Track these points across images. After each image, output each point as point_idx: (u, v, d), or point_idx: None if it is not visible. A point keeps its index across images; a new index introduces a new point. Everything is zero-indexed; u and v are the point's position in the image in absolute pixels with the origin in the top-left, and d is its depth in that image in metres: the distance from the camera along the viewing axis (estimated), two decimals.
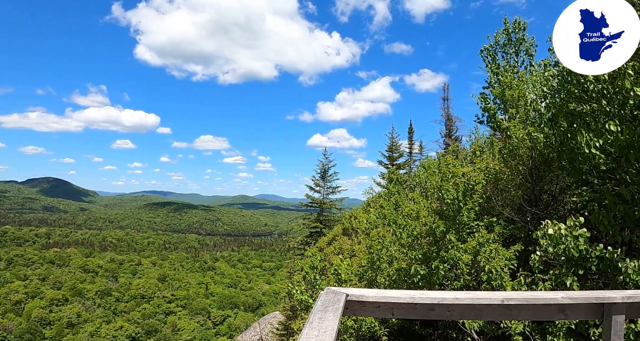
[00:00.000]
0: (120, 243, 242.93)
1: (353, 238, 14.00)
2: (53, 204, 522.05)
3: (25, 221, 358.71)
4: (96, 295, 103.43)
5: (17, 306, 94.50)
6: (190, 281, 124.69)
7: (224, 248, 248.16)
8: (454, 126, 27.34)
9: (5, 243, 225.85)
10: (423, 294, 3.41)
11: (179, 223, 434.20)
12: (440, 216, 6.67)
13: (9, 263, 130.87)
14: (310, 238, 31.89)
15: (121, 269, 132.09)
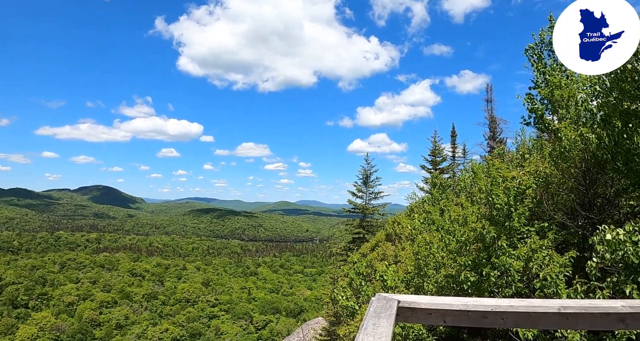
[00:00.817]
0: (166, 248, 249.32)
1: (397, 243, 13.83)
2: (103, 211, 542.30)
3: (77, 227, 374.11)
4: (143, 298, 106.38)
5: (70, 307, 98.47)
6: (233, 286, 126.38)
7: (266, 253, 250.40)
8: (498, 128, 26.61)
9: (59, 247, 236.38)
10: (476, 301, 3.30)
11: (222, 229, 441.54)
12: (491, 222, 6.48)
13: (63, 266, 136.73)
14: (353, 243, 31.66)
15: (167, 273, 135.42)
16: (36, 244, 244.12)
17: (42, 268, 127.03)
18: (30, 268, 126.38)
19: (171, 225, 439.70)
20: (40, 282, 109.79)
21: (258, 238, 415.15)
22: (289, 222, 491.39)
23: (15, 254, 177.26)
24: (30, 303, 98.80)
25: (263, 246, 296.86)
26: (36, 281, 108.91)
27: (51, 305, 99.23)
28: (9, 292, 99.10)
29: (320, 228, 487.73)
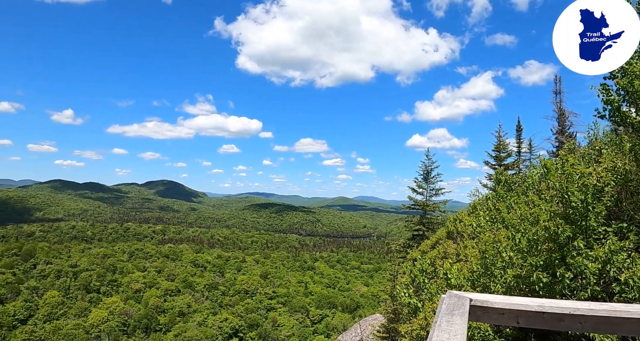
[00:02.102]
0: (227, 241, 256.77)
1: (458, 241, 13.43)
2: (168, 205, 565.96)
3: (144, 219, 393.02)
4: (204, 288, 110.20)
5: (137, 294, 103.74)
6: (290, 280, 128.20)
7: (323, 248, 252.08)
8: (567, 122, 25.12)
9: (128, 238, 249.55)
10: (552, 303, 3.12)
11: (280, 224, 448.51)
12: (565, 221, 6.10)
13: (131, 255, 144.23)
14: (413, 240, 31.09)
15: (227, 265, 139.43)
16: (107, 234, 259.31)
17: (113, 257, 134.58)
18: (102, 256, 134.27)
19: (232, 219, 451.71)
20: (111, 269, 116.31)
21: (316, 233, 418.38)
22: (346, 218, 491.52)
23: (89, 243, 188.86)
24: (101, 288, 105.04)
25: (320, 241, 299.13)
26: (107, 269, 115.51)
27: (120, 291, 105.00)
28: (83, 278, 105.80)
29: (378, 224, 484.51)
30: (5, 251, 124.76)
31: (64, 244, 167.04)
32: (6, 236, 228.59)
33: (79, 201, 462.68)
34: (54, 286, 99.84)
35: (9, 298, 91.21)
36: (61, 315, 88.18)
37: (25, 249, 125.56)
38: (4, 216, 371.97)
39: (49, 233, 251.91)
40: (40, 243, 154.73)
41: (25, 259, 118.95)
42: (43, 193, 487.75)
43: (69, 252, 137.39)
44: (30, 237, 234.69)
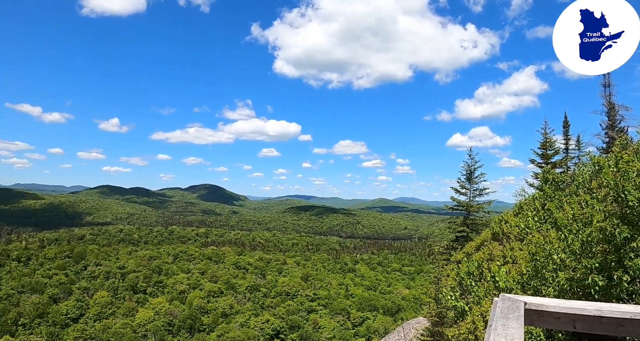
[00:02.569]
0: (268, 243, 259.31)
1: (504, 243, 13.02)
2: (210, 208, 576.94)
3: (187, 222, 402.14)
4: (246, 289, 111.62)
5: (182, 295, 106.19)
6: (331, 282, 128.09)
7: (363, 250, 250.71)
8: (618, 116, 23.86)
9: (172, 240, 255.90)
10: (612, 307, 2.93)
11: (320, 226, 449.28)
12: (622, 221, 5.77)
13: (175, 257, 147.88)
14: (456, 242, 30.38)
15: (268, 267, 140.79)
16: (153, 237, 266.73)
17: (158, 259, 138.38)
18: (148, 258, 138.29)
19: (272, 221, 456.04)
20: (157, 271, 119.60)
21: (356, 235, 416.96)
22: (387, 219, 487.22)
23: (136, 246, 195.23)
24: (148, 289, 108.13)
25: (361, 243, 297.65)
26: (153, 270, 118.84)
27: (165, 291, 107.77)
28: (131, 279, 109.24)
29: (419, 226, 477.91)
30: (58, 253, 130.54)
31: (113, 247, 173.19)
32: (59, 239, 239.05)
33: (125, 206, 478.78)
34: (104, 287, 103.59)
35: (62, 298, 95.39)
36: (110, 314, 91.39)
37: (76, 252, 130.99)
38: (57, 220, 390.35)
39: (98, 236, 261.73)
40: (90, 246, 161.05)
41: (77, 261, 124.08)
42: (92, 198, 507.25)
43: (117, 254, 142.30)
44: (81, 240, 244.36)
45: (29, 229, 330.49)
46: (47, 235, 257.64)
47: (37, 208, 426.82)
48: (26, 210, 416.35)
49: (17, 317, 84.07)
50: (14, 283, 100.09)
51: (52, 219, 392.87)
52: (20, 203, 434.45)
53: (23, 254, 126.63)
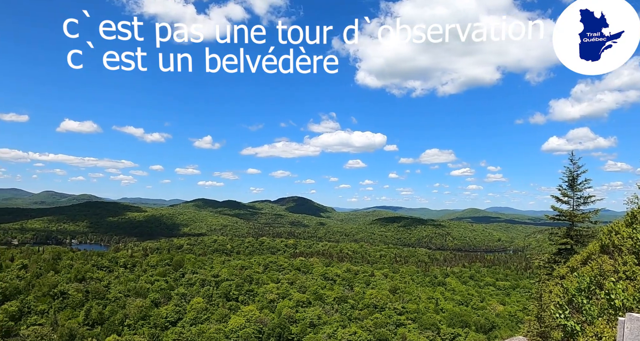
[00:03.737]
0: (355, 254, 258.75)
1: (616, 257, 11.58)
2: (298, 220, 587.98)
3: (277, 234, 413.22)
4: (334, 300, 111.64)
5: (271, 304, 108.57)
6: (420, 295, 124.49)
7: (454, 263, 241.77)
8: None
9: (262, 251, 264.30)
10: None
11: (408, 237, 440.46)
12: None
13: (266, 267, 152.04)
14: (559, 255, 27.72)
15: (356, 279, 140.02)
16: (244, 247, 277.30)
17: (250, 268, 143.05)
18: (240, 267, 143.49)
19: (359, 233, 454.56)
20: (248, 280, 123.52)
21: (446, 247, 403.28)
22: (478, 231, 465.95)
23: (229, 256, 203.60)
24: (239, 297, 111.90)
25: (451, 255, 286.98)
26: (245, 279, 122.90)
27: (256, 300, 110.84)
28: (224, 287, 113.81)
29: (514, 237, 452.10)
30: (159, 261, 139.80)
31: (208, 256, 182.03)
32: (160, 248, 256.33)
33: (219, 218, 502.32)
34: (199, 294, 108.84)
35: (162, 302, 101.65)
36: (205, 319, 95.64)
37: (175, 260, 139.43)
38: (158, 231, 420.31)
39: (195, 246, 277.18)
40: (188, 255, 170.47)
41: (176, 268, 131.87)
42: (189, 211, 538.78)
43: (212, 263, 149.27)
44: (179, 249, 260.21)
45: (134, 239, 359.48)
46: (150, 244, 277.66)
47: (140, 219, 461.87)
48: (131, 222, 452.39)
49: (123, 318, 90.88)
50: (121, 287, 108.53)
51: (154, 230, 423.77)
52: (127, 215, 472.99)
53: (129, 262, 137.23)
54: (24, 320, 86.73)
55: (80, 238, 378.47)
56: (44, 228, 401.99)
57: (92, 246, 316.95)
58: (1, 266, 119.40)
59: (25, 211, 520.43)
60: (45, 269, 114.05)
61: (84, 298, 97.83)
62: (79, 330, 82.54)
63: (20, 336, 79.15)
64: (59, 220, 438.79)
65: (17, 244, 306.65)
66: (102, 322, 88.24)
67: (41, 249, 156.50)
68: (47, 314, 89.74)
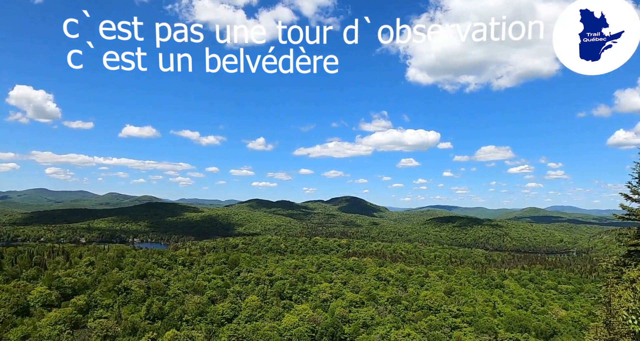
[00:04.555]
0: (409, 255, 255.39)
1: None
2: (351, 220, 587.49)
3: (330, 233, 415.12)
4: (387, 301, 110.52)
5: (324, 303, 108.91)
6: (476, 298, 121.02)
7: (512, 265, 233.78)
8: None
9: (315, 250, 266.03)
10: None
11: (464, 238, 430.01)
12: None
13: (319, 267, 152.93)
14: (629, 258, 25.92)
15: (410, 279, 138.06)
16: (298, 247, 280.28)
17: (303, 268, 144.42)
18: (294, 267, 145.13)
19: (413, 233, 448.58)
20: (301, 279, 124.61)
21: (504, 247, 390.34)
22: (538, 231, 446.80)
23: (282, 255, 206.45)
24: (293, 296, 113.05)
25: (509, 256, 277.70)
26: (298, 278, 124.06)
27: (309, 299, 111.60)
28: (278, 286, 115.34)
29: (578, 238, 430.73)
30: (215, 259, 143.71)
31: (262, 255, 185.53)
32: (216, 247, 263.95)
33: (273, 217, 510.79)
34: (254, 292, 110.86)
35: (218, 299, 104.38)
36: (259, 317, 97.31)
37: (231, 259, 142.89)
38: (214, 230, 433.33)
39: (249, 245, 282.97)
40: (243, 254, 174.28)
41: (231, 267, 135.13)
42: (243, 211, 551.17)
43: (266, 262, 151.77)
44: (234, 248, 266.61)
45: (191, 238, 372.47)
46: (207, 243, 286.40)
47: (197, 219, 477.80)
48: (189, 222, 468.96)
49: (182, 314, 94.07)
50: (180, 284, 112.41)
51: (210, 230, 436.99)
52: (184, 216, 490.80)
53: (187, 260, 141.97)
54: (91, 313, 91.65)
55: (141, 237, 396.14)
56: (108, 228, 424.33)
57: (153, 245, 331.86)
58: (71, 262, 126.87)
59: (92, 211, 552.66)
60: (110, 266, 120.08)
61: (146, 293, 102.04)
62: (141, 323, 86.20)
63: (88, 328, 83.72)
64: (122, 220, 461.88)
65: (85, 242, 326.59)
66: (162, 317, 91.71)
67: (106, 248, 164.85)
68: (111, 308, 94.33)
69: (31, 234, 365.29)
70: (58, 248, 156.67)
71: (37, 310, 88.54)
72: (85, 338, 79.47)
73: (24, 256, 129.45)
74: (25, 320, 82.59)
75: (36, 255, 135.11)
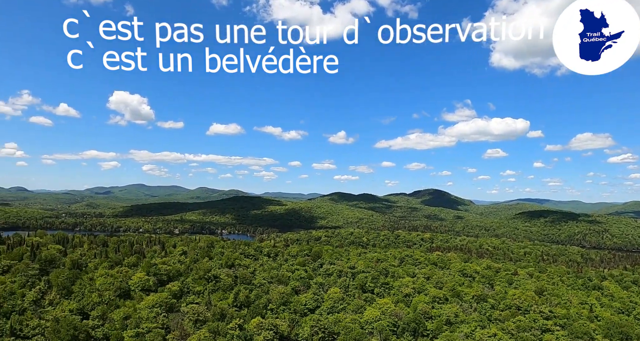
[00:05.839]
0: (496, 251, 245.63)
1: None
2: (434, 213, 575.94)
3: (412, 227, 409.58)
4: (473, 298, 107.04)
5: (407, 298, 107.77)
6: (571, 300, 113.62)
7: (613, 265, 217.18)
8: None
9: (398, 244, 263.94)
10: None
11: (557, 234, 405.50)
12: None
13: (401, 261, 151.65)
14: None
15: (497, 277, 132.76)
16: (380, 240, 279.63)
17: (385, 261, 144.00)
18: (376, 260, 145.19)
19: (501, 228, 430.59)
20: (384, 273, 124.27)
21: (603, 245, 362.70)
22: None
23: (364, 248, 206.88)
24: (375, 289, 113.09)
25: (609, 255, 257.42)
26: (380, 272, 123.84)
27: (391, 293, 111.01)
28: (360, 279, 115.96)
29: None
30: (299, 251, 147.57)
31: (344, 248, 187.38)
32: (299, 239, 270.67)
33: (355, 211, 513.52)
34: (336, 284, 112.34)
35: (302, 290, 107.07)
36: (341, 309, 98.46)
37: (314, 251, 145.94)
38: (297, 223, 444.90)
39: (332, 238, 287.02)
40: (325, 246, 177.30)
41: (314, 259, 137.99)
42: (325, 204, 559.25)
43: (348, 255, 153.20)
44: (317, 241, 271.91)
45: (275, 230, 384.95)
46: (290, 236, 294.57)
47: (281, 212, 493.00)
48: (273, 214, 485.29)
49: (267, 303, 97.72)
50: (265, 274, 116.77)
51: (293, 222, 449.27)
52: (269, 209, 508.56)
53: (272, 251, 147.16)
54: (184, 298, 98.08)
55: (229, 229, 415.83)
56: (199, 220, 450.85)
57: (239, 236, 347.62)
58: (166, 251, 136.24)
59: (184, 205, 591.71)
60: (200, 255, 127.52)
61: (233, 282, 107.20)
62: (229, 310, 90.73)
63: (181, 312, 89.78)
64: (211, 213, 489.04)
65: (178, 233, 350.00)
66: (248, 305, 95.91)
67: (197, 238, 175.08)
68: (202, 294, 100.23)
69: (131, 225, 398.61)
70: (155, 238, 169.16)
71: (137, 294, 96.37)
72: (178, 321, 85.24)
73: (126, 245, 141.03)
74: (126, 303, 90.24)
75: (136, 244, 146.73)
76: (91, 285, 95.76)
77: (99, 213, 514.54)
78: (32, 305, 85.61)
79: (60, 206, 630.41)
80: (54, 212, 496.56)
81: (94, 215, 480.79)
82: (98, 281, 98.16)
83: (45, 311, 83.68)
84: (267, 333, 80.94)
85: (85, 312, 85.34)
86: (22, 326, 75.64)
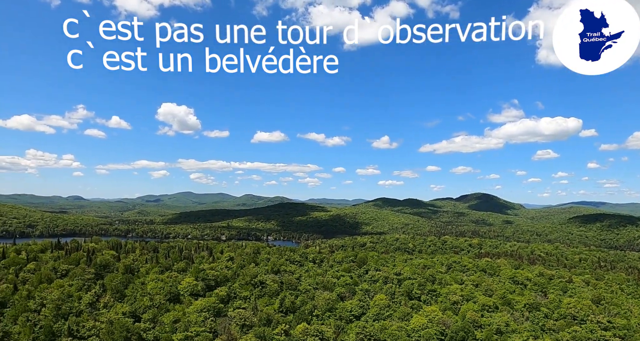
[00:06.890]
0: (549, 257, 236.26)
1: None
2: (482, 218, 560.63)
3: (459, 232, 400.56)
4: (524, 307, 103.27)
5: (454, 305, 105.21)
6: (631, 309, 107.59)
7: None
8: None
9: (445, 250, 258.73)
10: None
11: (616, 238, 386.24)
12: None
13: (449, 267, 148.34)
14: None
15: (550, 284, 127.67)
16: (426, 246, 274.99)
17: (432, 268, 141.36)
18: (422, 266, 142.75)
19: (553, 232, 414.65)
20: (430, 280, 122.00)
21: None
22: None
23: (410, 254, 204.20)
24: (422, 296, 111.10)
25: None
26: (427, 279, 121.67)
27: (439, 301, 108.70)
28: (406, 285, 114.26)
29: None
30: (344, 257, 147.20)
31: (390, 255, 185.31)
32: (344, 245, 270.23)
33: (400, 216, 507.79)
34: (382, 290, 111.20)
35: (347, 297, 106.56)
36: (387, 316, 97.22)
37: (359, 257, 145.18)
38: (342, 229, 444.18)
39: (377, 244, 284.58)
40: (371, 252, 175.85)
41: (360, 265, 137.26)
42: (370, 210, 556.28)
43: (394, 261, 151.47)
44: (362, 247, 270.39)
45: (320, 236, 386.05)
46: (335, 242, 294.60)
47: (325, 218, 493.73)
48: (318, 221, 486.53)
49: (312, 309, 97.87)
50: (310, 280, 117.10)
51: (338, 228, 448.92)
52: (313, 215, 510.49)
53: (317, 257, 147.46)
54: (230, 303, 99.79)
55: (274, 235, 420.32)
56: (245, 226, 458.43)
57: (285, 243, 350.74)
58: (214, 257, 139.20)
59: (230, 212, 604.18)
60: (247, 261, 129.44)
61: (279, 288, 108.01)
62: (275, 315, 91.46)
63: (228, 316, 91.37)
64: (256, 219, 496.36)
65: (225, 239, 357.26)
66: (294, 311, 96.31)
67: (243, 244, 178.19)
68: (248, 300, 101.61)
69: (180, 231, 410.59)
70: (203, 245, 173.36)
71: (186, 298, 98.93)
72: (226, 325, 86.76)
73: (175, 251, 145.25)
74: (176, 307, 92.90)
75: (185, 250, 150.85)
76: (143, 289, 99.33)
77: (150, 220, 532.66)
78: (88, 307, 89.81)
79: (114, 214, 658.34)
80: (108, 219, 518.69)
81: (145, 222, 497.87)
82: (149, 286, 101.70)
83: (100, 314, 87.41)
84: (312, 339, 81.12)
85: (137, 315, 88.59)
86: (78, 327, 79.63)
